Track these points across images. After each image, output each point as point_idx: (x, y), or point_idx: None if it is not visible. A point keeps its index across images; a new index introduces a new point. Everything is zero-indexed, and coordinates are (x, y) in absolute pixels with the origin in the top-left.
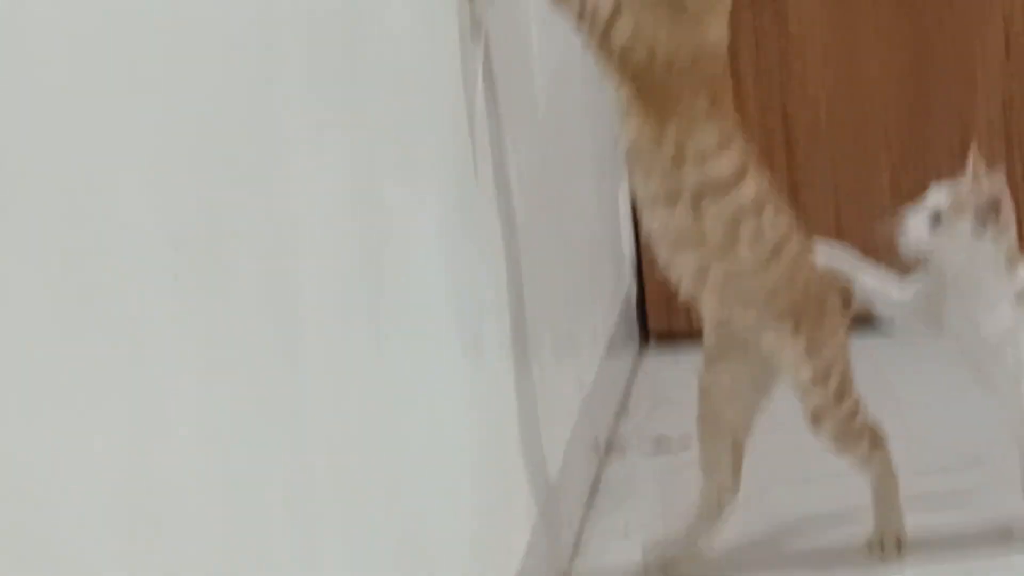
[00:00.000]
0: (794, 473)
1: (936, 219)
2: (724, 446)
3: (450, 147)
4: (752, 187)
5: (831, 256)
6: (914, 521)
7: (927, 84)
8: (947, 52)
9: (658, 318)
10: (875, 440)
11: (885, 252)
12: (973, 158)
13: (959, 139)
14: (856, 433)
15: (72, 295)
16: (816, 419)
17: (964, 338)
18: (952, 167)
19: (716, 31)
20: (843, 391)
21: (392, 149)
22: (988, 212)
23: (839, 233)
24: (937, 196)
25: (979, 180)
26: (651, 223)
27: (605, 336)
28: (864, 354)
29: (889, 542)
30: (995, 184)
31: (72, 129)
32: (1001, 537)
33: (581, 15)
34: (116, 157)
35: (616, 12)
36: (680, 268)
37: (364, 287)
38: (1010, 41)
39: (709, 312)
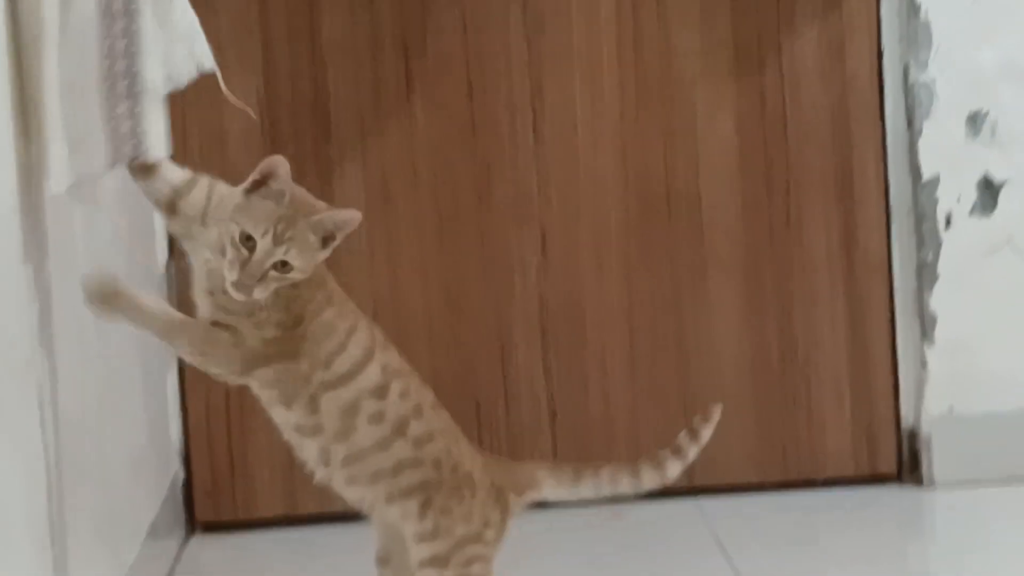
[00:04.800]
0: None
1: None
2: None
3: None
4: (376, 372)
5: None
6: None
7: (466, 284)
8: (486, 253)
9: (205, 506)
10: None
11: None
12: None
13: (497, 335)
14: None
15: None
16: None
17: None
18: (491, 363)
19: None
20: None
21: None
22: None
23: None
24: None
25: None
26: (274, 417)
27: (147, 522)
28: None
29: None
30: None
31: None
32: None
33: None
34: None
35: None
36: (305, 455)
37: None
38: (546, 246)
39: (344, 494)
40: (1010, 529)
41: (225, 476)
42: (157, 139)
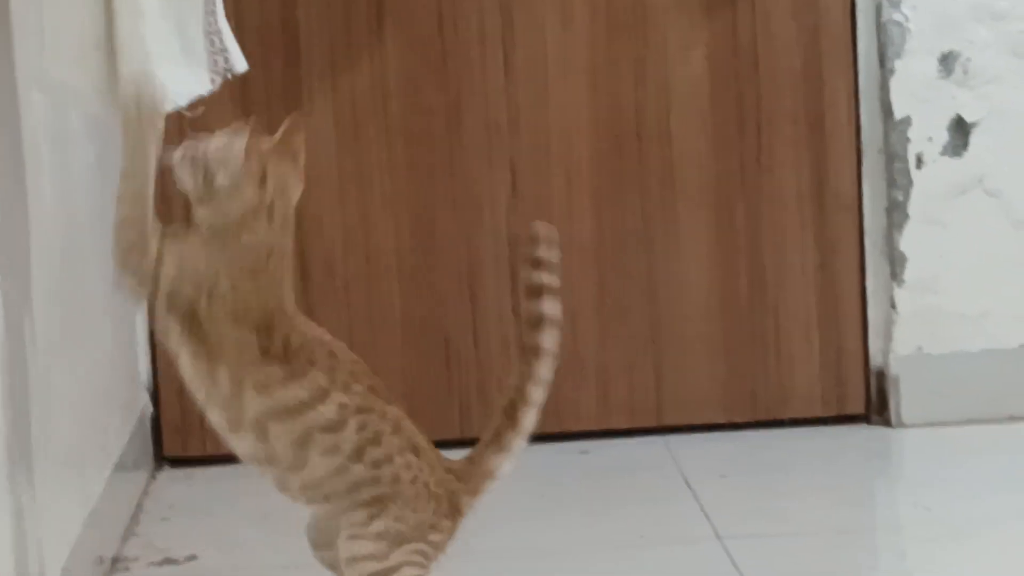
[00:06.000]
0: None
1: None
2: None
3: None
4: (332, 409)
5: None
6: None
7: (435, 219)
8: (456, 188)
9: (173, 441)
10: None
11: None
12: None
13: (467, 270)
14: None
15: None
16: None
17: None
18: (460, 298)
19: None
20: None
21: None
22: None
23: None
24: None
25: None
26: (231, 446)
27: (116, 454)
28: None
29: None
30: None
31: None
32: None
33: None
34: None
35: (159, 260)
36: (268, 479)
37: None
38: (516, 180)
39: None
40: (977, 468)
41: (193, 413)
42: (236, 52)
